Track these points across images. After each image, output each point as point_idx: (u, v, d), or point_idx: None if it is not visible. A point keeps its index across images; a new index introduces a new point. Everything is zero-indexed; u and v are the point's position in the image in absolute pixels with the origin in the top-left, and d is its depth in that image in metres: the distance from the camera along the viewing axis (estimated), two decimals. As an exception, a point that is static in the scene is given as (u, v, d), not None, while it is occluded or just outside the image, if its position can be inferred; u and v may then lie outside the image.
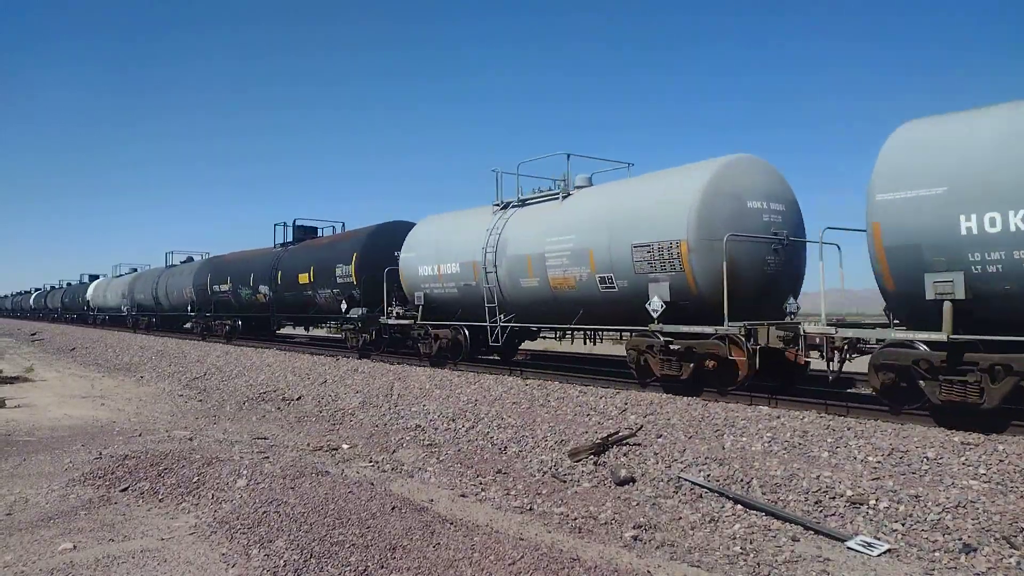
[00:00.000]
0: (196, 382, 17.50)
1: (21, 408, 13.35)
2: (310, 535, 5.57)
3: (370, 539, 5.44)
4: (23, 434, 10.73)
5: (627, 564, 5.17)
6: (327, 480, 7.09)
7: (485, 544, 5.33)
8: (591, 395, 10.61)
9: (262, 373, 17.08)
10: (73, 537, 5.98)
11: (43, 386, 17.28)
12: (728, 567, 5.28)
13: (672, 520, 6.33)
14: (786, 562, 5.31)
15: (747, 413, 8.73)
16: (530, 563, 4.96)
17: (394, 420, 11.27)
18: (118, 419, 12.18)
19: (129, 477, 7.70)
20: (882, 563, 5.25)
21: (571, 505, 6.80)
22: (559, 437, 8.95)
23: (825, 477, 6.60)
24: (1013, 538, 5.27)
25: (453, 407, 11.10)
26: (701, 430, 8.34)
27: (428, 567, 5.00)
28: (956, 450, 6.74)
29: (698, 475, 7.22)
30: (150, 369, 20.81)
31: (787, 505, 6.39)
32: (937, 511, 5.74)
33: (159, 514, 6.70)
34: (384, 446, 9.73)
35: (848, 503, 6.15)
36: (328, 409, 12.76)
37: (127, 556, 5.52)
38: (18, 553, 5.63)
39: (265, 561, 5.28)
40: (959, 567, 5.12)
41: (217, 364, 19.40)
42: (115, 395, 15.74)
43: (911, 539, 5.54)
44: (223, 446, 9.21)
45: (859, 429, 7.64)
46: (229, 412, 13.20)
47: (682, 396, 10.23)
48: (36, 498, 7.20)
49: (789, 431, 7.83)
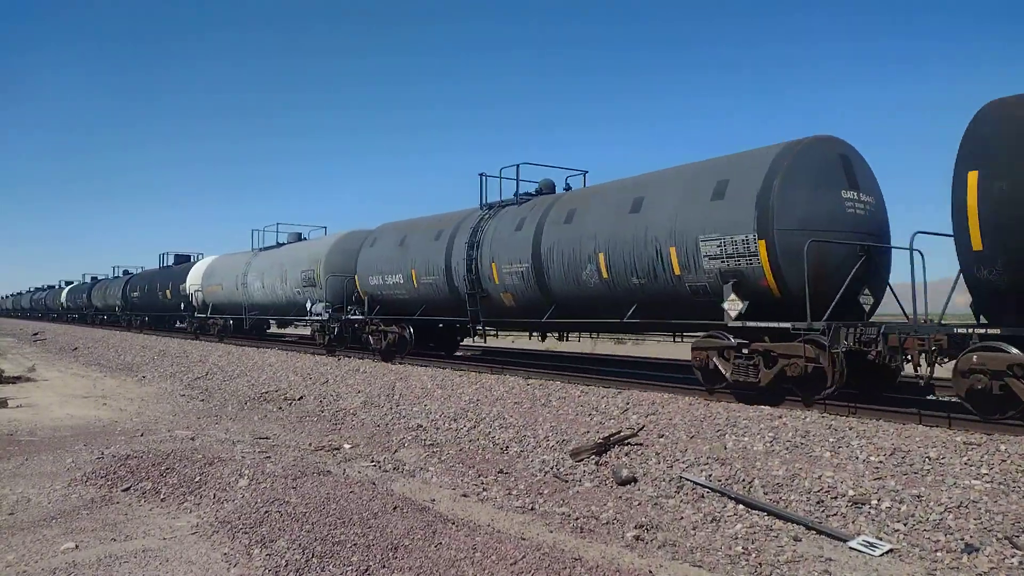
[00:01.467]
0: (198, 382, 17.51)
1: (23, 408, 13.36)
2: (312, 535, 5.58)
3: (372, 539, 5.44)
4: (25, 434, 10.74)
5: (629, 564, 5.17)
6: (329, 480, 7.09)
7: (487, 544, 5.33)
8: (593, 395, 10.60)
9: (264, 373, 17.10)
10: (75, 537, 5.99)
11: (45, 386, 17.29)
12: (730, 567, 5.28)
13: (674, 520, 6.32)
14: (788, 562, 5.31)
15: (749, 413, 8.72)
16: (532, 563, 4.96)
17: (396, 420, 11.27)
18: (120, 419, 12.19)
19: (131, 477, 7.71)
20: (884, 563, 5.24)
21: (573, 505, 6.80)
22: (561, 437, 8.95)
23: (827, 477, 6.59)
24: (1015, 538, 5.26)
25: (455, 407, 11.10)
26: (703, 430, 8.34)
27: (430, 567, 5.00)
28: (958, 450, 6.74)
29: (700, 475, 7.22)
30: (152, 369, 20.83)
31: (789, 505, 6.39)
32: (939, 511, 5.74)
33: (161, 514, 6.70)
34: (386, 446, 9.73)
35: (850, 503, 6.14)
36: (330, 409, 12.77)
37: (129, 556, 5.52)
38: (20, 553, 5.63)
39: (267, 561, 5.28)
40: (961, 567, 5.11)
41: (219, 364, 19.43)
42: (117, 395, 15.75)
43: (913, 539, 5.53)
44: (225, 446, 9.22)
45: (861, 429, 7.63)
46: (231, 412, 13.21)
47: (685, 397, 10.22)
48: (38, 498, 7.20)
49: (791, 431, 7.83)
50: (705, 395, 10.26)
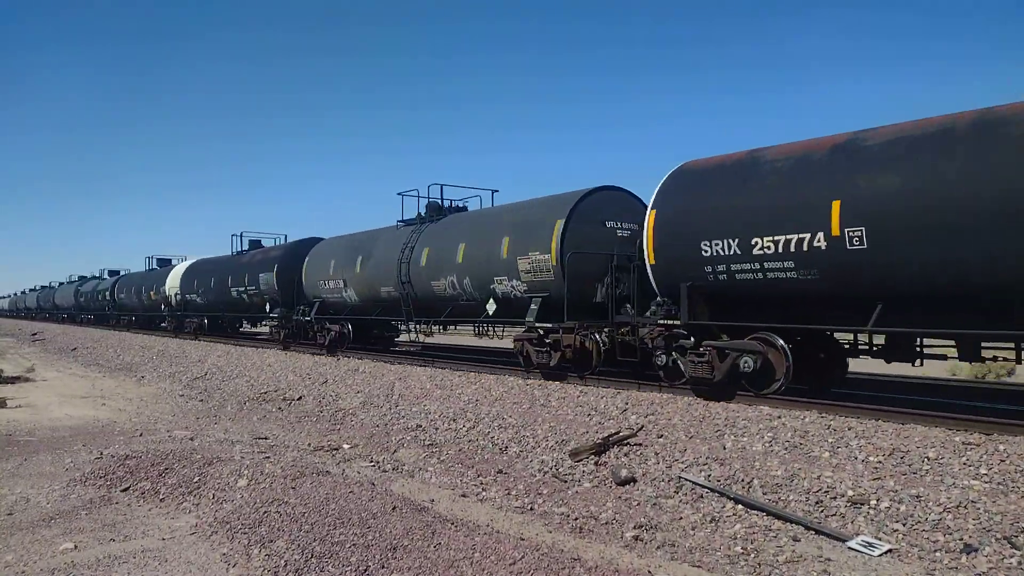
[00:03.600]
0: (197, 382, 17.51)
1: (22, 408, 13.35)
2: (311, 535, 5.58)
3: (371, 539, 5.44)
4: (24, 434, 10.73)
5: (628, 564, 5.17)
6: (328, 480, 7.09)
7: (486, 544, 5.33)
8: (592, 395, 10.61)
9: (263, 373, 17.09)
10: (74, 537, 5.99)
11: (44, 386, 17.28)
12: (729, 567, 5.28)
13: (673, 520, 6.33)
14: (787, 562, 5.31)
15: (748, 413, 8.73)
16: (531, 563, 4.96)
17: (395, 420, 11.27)
18: (119, 419, 12.19)
19: (130, 477, 7.71)
20: (883, 563, 5.24)
21: (572, 505, 6.80)
22: (560, 437, 8.95)
23: (826, 477, 6.60)
24: (1014, 538, 5.27)
25: (454, 407, 11.10)
26: (702, 430, 8.34)
27: (429, 567, 5.00)
28: (957, 450, 6.74)
29: (699, 475, 7.22)
30: (151, 369, 20.83)
31: (788, 505, 6.39)
32: (938, 511, 5.74)
33: (160, 514, 6.70)
34: (385, 446, 9.73)
35: (849, 503, 6.14)
36: (329, 409, 12.77)
37: (128, 556, 5.52)
38: (19, 553, 5.63)
39: (266, 561, 5.28)
40: (960, 567, 5.11)
41: (218, 364, 19.42)
42: (116, 395, 15.74)
43: (912, 539, 5.54)
44: (224, 446, 9.22)
45: (860, 429, 7.64)
46: (230, 412, 13.20)
47: (684, 397, 10.22)
48: (37, 498, 7.20)
49: (790, 431, 7.83)
50: (705, 395, 10.29)
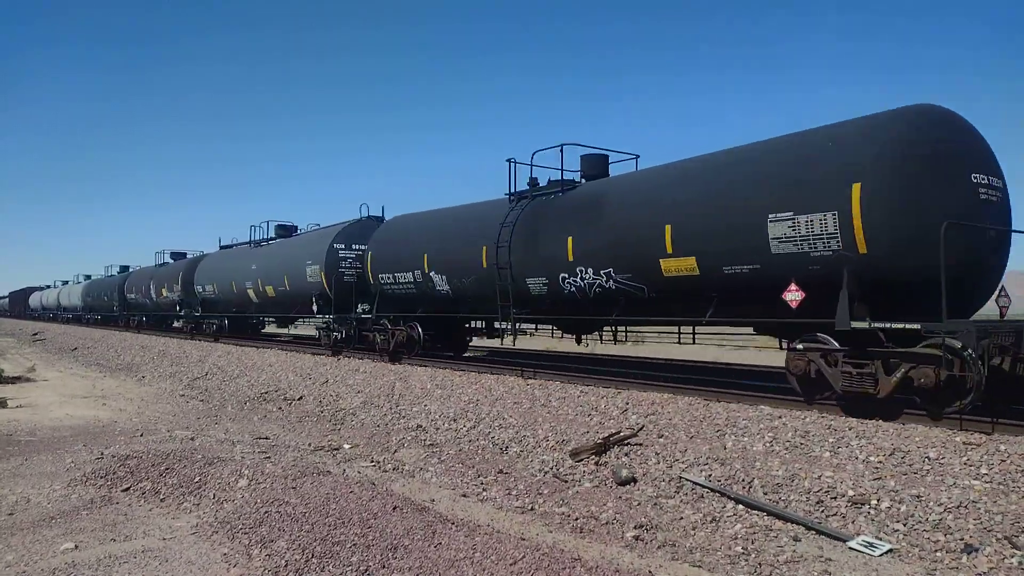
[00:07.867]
0: (197, 382, 17.51)
1: (23, 408, 13.36)
2: (311, 535, 5.58)
3: (371, 539, 5.44)
4: (25, 434, 10.74)
5: (628, 564, 5.17)
6: (328, 480, 7.09)
7: (486, 544, 5.33)
8: (592, 395, 10.60)
9: (263, 373, 17.09)
10: (75, 537, 5.99)
11: (45, 386, 17.30)
12: (729, 567, 5.28)
13: (673, 520, 6.32)
14: (787, 562, 5.31)
15: (748, 413, 8.72)
16: (531, 563, 4.96)
17: (395, 420, 11.27)
18: (120, 419, 12.19)
19: (131, 477, 7.71)
20: (884, 563, 5.24)
21: (572, 505, 6.80)
22: (560, 437, 8.95)
23: (827, 477, 6.59)
24: (1015, 538, 5.27)
25: (454, 407, 11.10)
26: (702, 430, 8.33)
27: (429, 567, 5.00)
28: (958, 450, 6.74)
29: (699, 475, 7.22)
30: (151, 369, 20.83)
31: (788, 505, 6.39)
32: (939, 511, 5.74)
33: (161, 514, 6.70)
34: (385, 446, 9.73)
35: (850, 503, 6.14)
36: (329, 409, 12.76)
37: (129, 556, 5.52)
38: (20, 553, 5.63)
39: (267, 561, 5.28)
40: (961, 567, 5.11)
41: (218, 364, 19.41)
42: (116, 395, 15.75)
43: (913, 539, 5.53)
44: (225, 446, 9.22)
45: (860, 429, 7.63)
46: (231, 412, 13.21)
47: (684, 397, 10.21)
48: (38, 498, 7.20)
49: (790, 431, 7.83)
50: (705, 395, 10.28)
